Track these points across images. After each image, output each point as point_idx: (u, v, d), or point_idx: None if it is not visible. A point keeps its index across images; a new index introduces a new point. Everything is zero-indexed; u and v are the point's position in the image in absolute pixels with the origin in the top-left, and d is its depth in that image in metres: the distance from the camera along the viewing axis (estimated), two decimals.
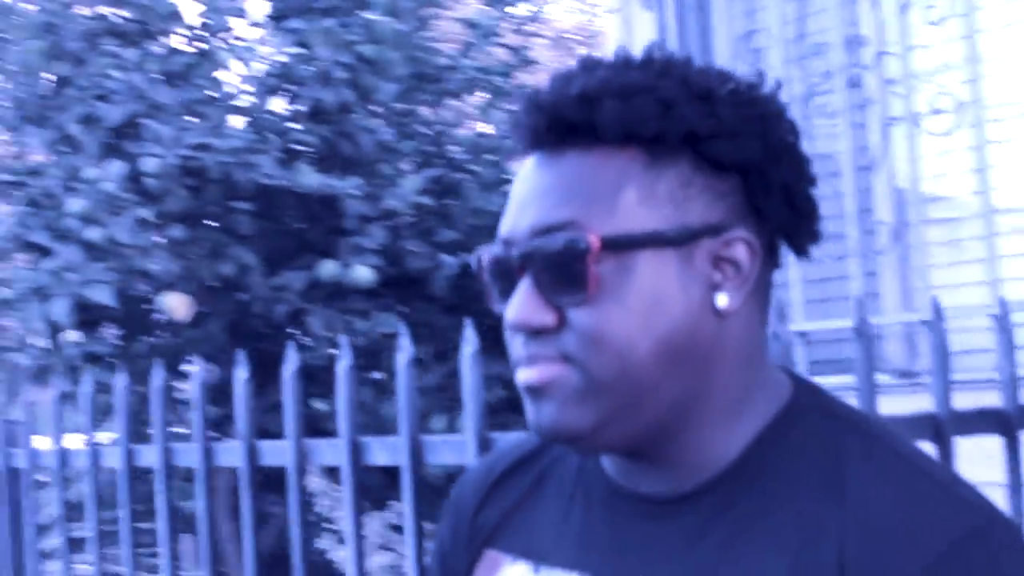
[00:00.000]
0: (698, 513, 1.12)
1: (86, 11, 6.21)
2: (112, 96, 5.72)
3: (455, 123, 7.02)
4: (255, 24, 6.83)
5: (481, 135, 7.18)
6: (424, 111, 6.76)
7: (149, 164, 5.42)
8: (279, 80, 6.26)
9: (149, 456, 2.93)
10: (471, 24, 7.38)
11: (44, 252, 5.71)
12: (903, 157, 4.43)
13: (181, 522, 6.47)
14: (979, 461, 2.76)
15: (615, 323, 1.09)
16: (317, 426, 5.99)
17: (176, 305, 5.77)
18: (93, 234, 5.25)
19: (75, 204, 5.31)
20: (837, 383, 4.37)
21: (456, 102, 7.13)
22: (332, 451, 2.50)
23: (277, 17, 6.65)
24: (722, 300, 1.10)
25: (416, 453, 2.36)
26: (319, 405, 6.29)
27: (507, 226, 1.14)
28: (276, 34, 6.39)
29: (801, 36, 4.71)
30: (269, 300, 5.90)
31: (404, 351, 2.41)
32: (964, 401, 2.35)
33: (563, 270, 1.09)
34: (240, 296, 6.08)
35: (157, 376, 2.86)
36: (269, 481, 4.77)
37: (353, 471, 2.45)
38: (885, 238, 4.48)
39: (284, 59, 6.28)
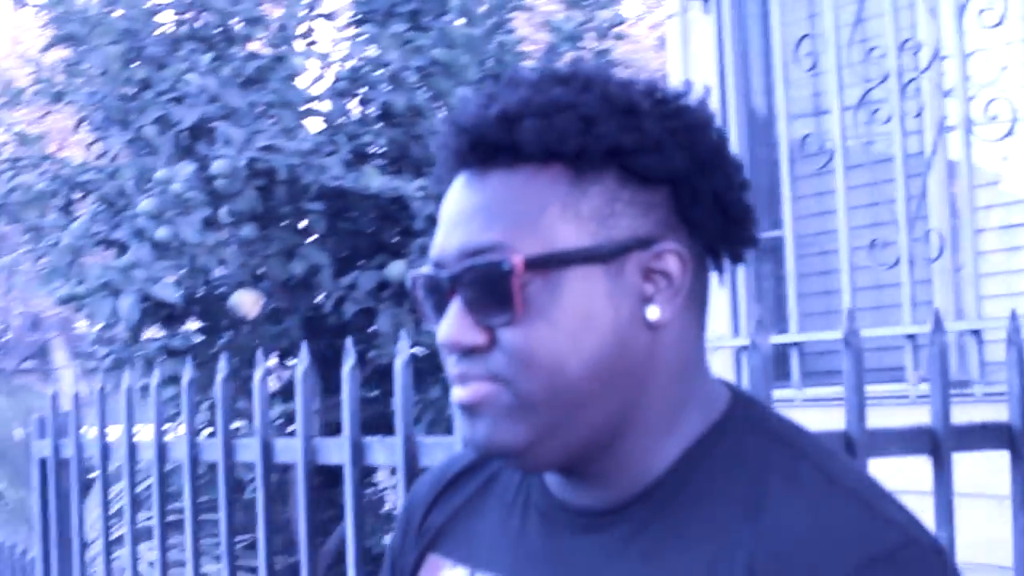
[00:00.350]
0: (624, 526, 1.14)
1: (169, 16, 6.44)
2: (186, 99, 5.93)
3: None
4: (336, 28, 7.03)
5: None
6: None
7: (218, 165, 5.61)
8: (351, 84, 6.43)
9: (212, 452, 2.97)
10: (553, 28, 7.48)
11: (122, 249, 5.95)
12: (957, 164, 4.44)
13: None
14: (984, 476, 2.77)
15: (544, 342, 1.10)
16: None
17: (244, 302, 5.96)
18: (161, 233, 5.44)
19: (145, 203, 5.52)
20: (888, 391, 4.40)
21: None
22: (386, 450, 2.52)
23: (359, 21, 6.83)
24: (653, 312, 1.12)
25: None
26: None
27: (437, 248, 1.16)
28: (350, 38, 6.58)
29: (857, 41, 4.73)
30: (339, 299, 6.07)
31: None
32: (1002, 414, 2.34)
33: (490, 292, 1.11)
34: (314, 294, 6.26)
35: (222, 371, 2.89)
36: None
37: (406, 469, 2.45)
38: (937, 246, 4.48)
39: (356, 63, 6.45)
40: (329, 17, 6.91)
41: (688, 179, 1.12)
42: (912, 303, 4.47)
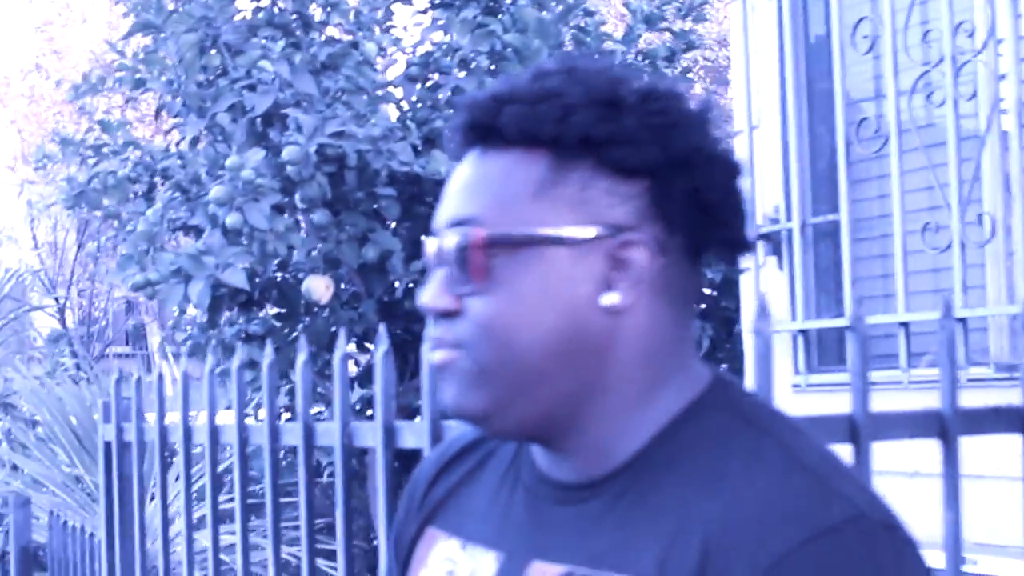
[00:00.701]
0: (599, 500, 1.21)
1: (246, 3, 6.68)
2: (260, 86, 6.17)
3: None
4: (412, 13, 7.22)
5: None
6: None
7: (288, 152, 5.83)
8: (423, 69, 6.63)
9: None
10: (631, 10, 7.63)
11: (198, 235, 6.20)
12: (1010, 147, 4.51)
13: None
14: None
15: (501, 314, 1.20)
16: None
17: (316, 288, 6.18)
18: (231, 219, 5.69)
19: (216, 190, 5.76)
20: (930, 375, 4.49)
21: None
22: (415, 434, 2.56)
23: (436, 6, 7.01)
24: (609, 298, 1.19)
25: None
26: None
27: (437, 217, 1.27)
28: (429, 24, 6.78)
29: (912, 24, 4.82)
30: (411, 284, 6.27)
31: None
32: None
33: (457, 261, 1.22)
34: (389, 279, 6.45)
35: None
36: None
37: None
38: (989, 229, 4.56)
39: (429, 48, 6.65)
40: (407, 2, 7.11)
41: (662, 174, 1.19)
42: (964, 287, 4.56)
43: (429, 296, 1.24)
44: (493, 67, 6.47)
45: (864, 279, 5.08)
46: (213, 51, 6.40)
